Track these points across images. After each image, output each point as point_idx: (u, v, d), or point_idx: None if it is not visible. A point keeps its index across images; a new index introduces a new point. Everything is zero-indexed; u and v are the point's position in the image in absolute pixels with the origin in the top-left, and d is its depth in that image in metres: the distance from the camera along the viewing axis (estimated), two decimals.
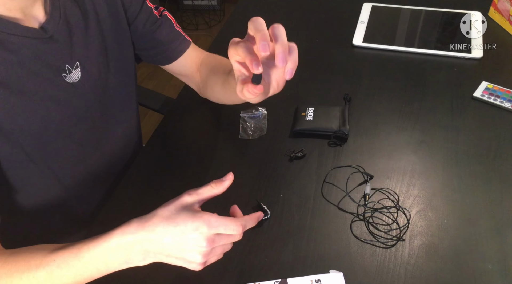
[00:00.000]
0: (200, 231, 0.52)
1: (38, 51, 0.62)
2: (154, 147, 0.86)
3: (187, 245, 0.52)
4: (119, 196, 0.77)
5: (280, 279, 0.63)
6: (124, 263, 0.54)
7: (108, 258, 0.53)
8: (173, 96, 1.07)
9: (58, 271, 0.54)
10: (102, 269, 0.54)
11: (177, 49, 0.84)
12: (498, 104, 0.88)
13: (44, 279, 0.54)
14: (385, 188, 0.74)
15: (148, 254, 0.53)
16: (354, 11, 1.16)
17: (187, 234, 0.52)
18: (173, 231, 0.52)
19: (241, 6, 1.26)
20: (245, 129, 0.85)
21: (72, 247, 0.55)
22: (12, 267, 0.55)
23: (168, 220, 0.53)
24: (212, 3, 2.81)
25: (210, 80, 0.84)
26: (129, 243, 0.53)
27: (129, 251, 0.53)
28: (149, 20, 0.80)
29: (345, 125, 0.83)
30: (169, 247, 0.52)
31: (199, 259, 0.53)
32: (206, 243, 0.52)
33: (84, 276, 0.55)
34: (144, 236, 0.52)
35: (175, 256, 0.53)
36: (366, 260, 0.65)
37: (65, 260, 0.54)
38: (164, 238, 0.52)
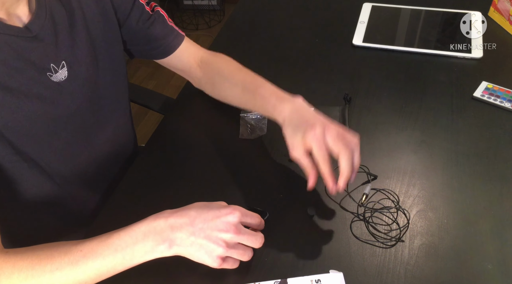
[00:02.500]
0: (233, 215, 0.57)
1: (21, 49, 0.62)
2: (154, 146, 0.86)
3: (216, 228, 0.56)
4: (119, 196, 0.77)
5: (280, 279, 0.63)
6: (150, 250, 0.56)
7: (137, 245, 0.55)
8: (173, 96, 1.07)
9: (83, 261, 0.54)
10: (127, 258, 0.56)
11: (171, 44, 0.85)
12: (498, 104, 0.88)
13: (68, 270, 0.54)
14: (385, 188, 0.74)
15: (175, 240, 0.56)
16: (354, 11, 1.16)
17: (220, 217, 0.57)
18: (205, 214, 0.57)
19: (241, 6, 1.26)
20: (245, 129, 0.85)
21: (100, 237, 0.57)
22: (34, 259, 0.55)
23: (202, 207, 0.59)
24: (212, 3, 2.81)
25: (222, 84, 0.85)
26: (161, 227, 0.56)
27: (159, 236, 0.56)
28: (142, 17, 0.81)
29: (345, 125, 0.83)
30: (197, 231, 0.56)
31: (220, 248, 0.56)
32: (233, 228, 0.57)
33: (108, 267, 0.55)
34: (176, 220, 0.56)
35: (199, 242, 0.56)
36: (366, 260, 0.65)
37: (93, 248, 0.55)
38: (195, 220, 0.56)
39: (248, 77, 0.81)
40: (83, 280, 0.55)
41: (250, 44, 1.10)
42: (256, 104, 0.77)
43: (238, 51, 0.91)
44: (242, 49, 0.92)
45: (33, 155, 0.68)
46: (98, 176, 0.84)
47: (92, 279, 0.56)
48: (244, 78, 0.81)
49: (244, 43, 1.10)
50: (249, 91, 0.78)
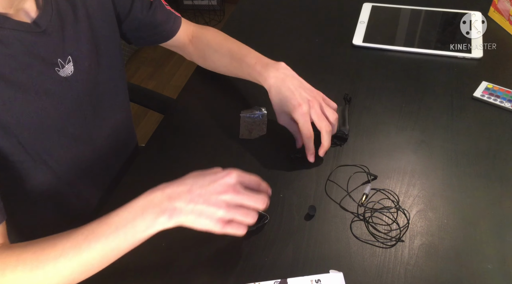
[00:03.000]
0: (230, 176, 0.58)
1: (30, 44, 0.62)
2: (154, 146, 0.86)
3: (215, 191, 0.56)
4: (119, 196, 0.77)
5: (280, 279, 0.63)
6: (151, 223, 0.55)
7: (136, 220, 0.55)
8: (173, 96, 1.07)
9: (86, 244, 0.54)
10: (129, 235, 0.55)
11: (172, 28, 0.90)
12: (498, 104, 0.88)
13: (72, 255, 0.54)
14: (385, 188, 0.74)
15: (175, 209, 0.55)
16: (354, 11, 1.16)
17: (217, 180, 0.57)
18: (202, 180, 0.57)
19: (241, 6, 1.26)
20: (245, 129, 0.85)
21: (100, 219, 0.56)
22: (37, 250, 0.55)
23: (198, 175, 0.59)
24: (212, 3, 2.81)
25: (211, 55, 0.91)
26: (158, 199, 0.56)
27: (157, 208, 0.55)
28: (144, 6, 0.83)
29: (345, 125, 0.83)
30: (196, 197, 0.56)
31: (220, 210, 0.55)
32: (230, 188, 0.57)
33: (111, 247, 0.55)
34: (173, 189, 0.56)
35: (199, 208, 0.55)
36: (366, 260, 0.65)
37: (93, 230, 0.55)
38: (192, 187, 0.56)
39: (234, 46, 0.88)
40: (89, 263, 0.55)
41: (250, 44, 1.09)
42: (244, 72, 0.84)
43: None
44: None
45: (41, 152, 0.69)
46: (101, 173, 0.84)
47: (98, 261, 0.55)
48: (231, 48, 0.88)
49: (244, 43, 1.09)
50: (236, 60, 0.85)
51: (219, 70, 0.93)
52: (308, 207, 0.71)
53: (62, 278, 0.55)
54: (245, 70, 0.83)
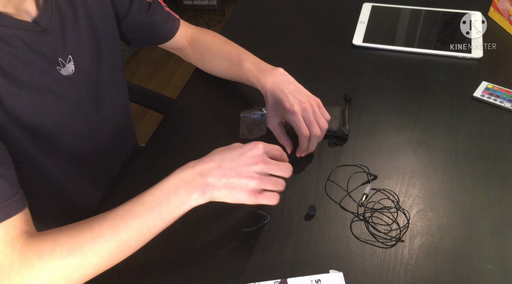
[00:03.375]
0: (257, 148, 0.59)
1: (32, 42, 0.63)
2: (154, 147, 0.86)
3: (245, 163, 0.57)
4: (119, 196, 0.77)
5: (280, 279, 0.63)
6: (185, 200, 0.56)
7: (170, 197, 0.56)
8: (173, 96, 1.07)
9: (122, 224, 0.55)
10: (164, 212, 0.56)
11: (171, 30, 0.90)
12: (498, 104, 0.88)
13: (109, 235, 0.55)
14: (385, 188, 0.74)
15: (208, 185, 0.56)
16: (354, 11, 1.16)
17: (245, 153, 0.58)
18: (230, 155, 0.58)
19: (241, 6, 1.26)
20: (245, 129, 0.85)
21: (133, 199, 0.57)
22: (72, 233, 0.55)
23: (224, 150, 0.60)
24: (212, 3, 2.81)
25: (210, 59, 0.92)
26: (190, 177, 0.57)
27: (190, 185, 0.56)
28: (143, 6, 0.83)
29: (345, 125, 0.83)
30: (227, 170, 0.57)
31: (253, 181, 0.57)
32: (260, 159, 0.58)
33: (148, 225, 0.56)
34: (203, 166, 0.58)
35: (231, 182, 0.57)
36: (366, 260, 0.65)
37: (128, 210, 0.56)
38: (222, 163, 0.58)
39: (233, 51, 0.88)
40: (126, 243, 0.56)
41: (250, 44, 1.09)
42: (242, 77, 0.85)
43: None
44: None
45: (43, 150, 0.69)
46: (102, 171, 0.85)
47: (135, 240, 0.56)
48: (229, 52, 0.88)
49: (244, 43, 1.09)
50: (235, 64, 0.86)
51: (217, 74, 0.93)
52: (308, 207, 0.71)
53: (101, 259, 0.55)
54: (243, 74, 0.83)
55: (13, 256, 0.53)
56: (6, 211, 0.54)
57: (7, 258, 0.53)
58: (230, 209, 0.73)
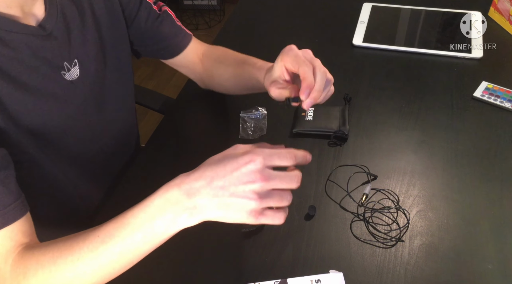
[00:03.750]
0: (254, 163, 0.48)
1: (37, 48, 0.63)
2: (154, 146, 0.86)
3: (240, 181, 0.48)
4: (119, 196, 0.77)
5: (280, 279, 0.63)
6: (171, 224, 0.50)
7: (155, 220, 0.50)
8: (173, 96, 1.07)
9: (103, 247, 0.51)
10: (148, 236, 0.50)
11: (179, 45, 0.86)
12: (498, 104, 0.88)
13: (89, 259, 0.52)
14: (385, 188, 0.74)
15: (196, 207, 0.49)
16: (354, 11, 1.16)
17: (239, 168, 0.48)
18: (223, 169, 0.48)
19: (241, 6, 1.26)
20: (245, 129, 0.85)
21: (116, 219, 0.52)
22: (55, 253, 0.53)
23: (217, 162, 0.50)
24: (212, 3, 2.81)
25: (217, 69, 0.87)
26: (175, 197, 0.49)
27: (176, 207, 0.49)
28: (151, 16, 0.81)
29: (345, 125, 0.83)
30: (219, 190, 0.48)
31: (252, 201, 0.48)
32: (258, 176, 0.48)
33: (130, 249, 0.51)
34: (190, 185, 0.49)
35: (225, 202, 0.48)
36: (366, 260, 0.65)
37: (110, 232, 0.51)
38: (213, 181, 0.48)
39: (240, 56, 0.85)
40: (108, 265, 0.52)
41: (250, 44, 1.10)
42: (245, 73, 0.79)
43: (238, 51, 0.91)
44: (242, 49, 0.92)
45: (46, 153, 0.69)
46: (103, 172, 0.85)
47: (118, 263, 0.52)
48: (236, 57, 0.85)
49: (244, 43, 1.10)
50: (240, 65, 0.81)
51: (225, 84, 0.88)
52: (308, 207, 0.71)
53: (83, 281, 0.53)
54: (247, 70, 0.79)
55: (5, 270, 0.54)
56: (4, 219, 0.54)
57: (1, 271, 0.54)
58: None
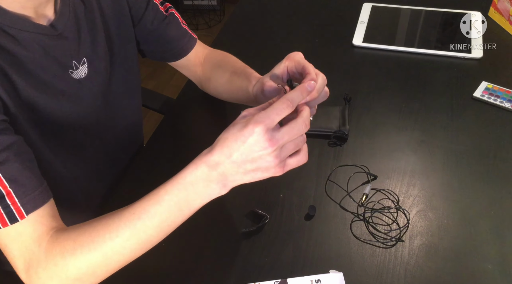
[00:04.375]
0: (256, 133, 0.51)
1: (47, 47, 0.63)
2: (154, 146, 0.86)
3: (254, 152, 0.52)
4: (119, 196, 0.77)
5: (280, 279, 0.63)
6: (207, 196, 0.54)
7: (189, 195, 0.53)
8: (173, 96, 1.07)
9: (140, 223, 0.54)
10: (184, 209, 0.54)
11: (184, 47, 0.86)
12: (498, 104, 0.88)
13: (128, 235, 0.54)
14: (385, 188, 0.74)
15: (227, 177, 0.53)
16: (354, 11, 1.16)
17: (248, 142, 0.51)
18: (236, 145, 0.52)
19: (241, 6, 1.26)
20: None
21: (149, 196, 0.55)
22: (92, 232, 0.55)
23: (230, 137, 0.53)
24: (212, 3, 2.81)
25: (215, 73, 0.87)
26: (205, 173, 0.53)
27: (208, 181, 0.53)
28: (157, 18, 0.81)
29: (345, 125, 0.83)
30: (241, 162, 0.52)
31: (272, 162, 0.52)
32: (267, 143, 0.51)
33: (168, 222, 0.54)
34: (214, 159, 0.52)
35: (250, 169, 0.53)
36: (366, 260, 0.65)
37: (145, 209, 0.54)
38: (232, 155, 0.52)
39: (239, 64, 0.84)
40: (146, 240, 0.55)
41: (250, 44, 1.10)
42: (237, 82, 0.79)
43: (238, 51, 0.91)
44: (242, 49, 0.92)
45: (51, 149, 0.69)
46: (107, 170, 0.85)
47: (156, 236, 0.55)
48: (235, 64, 0.84)
49: (244, 43, 1.10)
50: (237, 74, 0.81)
51: (220, 89, 0.87)
52: (308, 207, 0.71)
53: (122, 256, 0.55)
54: (239, 80, 0.78)
55: (40, 253, 0.55)
56: (34, 202, 0.56)
57: (34, 254, 0.55)
58: (230, 209, 0.73)
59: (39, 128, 0.65)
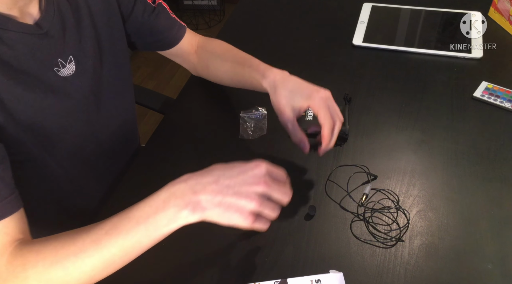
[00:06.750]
0: (259, 168, 0.54)
1: (33, 46, 0.63)
2: (154, 146, 0.86)
3: (245, 183, 0.52)
4: (119, 196, 0.77)
5: (280, 279, 0.63)
6: (173, 217, 0.52)
7: (158, 213, 0.52)
8: (173, 96, 1.07)
9: (106, 239, 0.52)
10: (151, 229, 0.52)
11: (175, 36, 0.88)
12: (498, 104, 0.88)
13: (92, 251, 0.52)
14: (385, 188, 0.74)
15: (200, 202, 0.52)
16: (354, 11, 1.16)
17: (246, 172, 0.53)
18: (229, 171, 0.53)
19: (241, 6, 1.26)
20: (245, 129, 0.85)
21: (121, 212, 0.54)
22: (57, 245, 0.54)
23: (225, 166, 0.55)
24: (212, 3, 2.81)
25: (214, 62, 0.89)
26: (181, 191, 0.52)
27: (180, 200, 0.52)
28: (146, 10, 0.83)
29: (345, 125, 0.83)
30: (224, 189, 0.52)
31: (251, 204, 0.52)
32: (263, 180, 0.53)
33: (132, 241, 0.53)
34: (197, 181, 0.53)
35: (228, 201, 0.52)
36: (366, 260, 0.65)
37: (115, 224, 0.53)
38: (220, 179, 0.53)
39: (239, 54, 0.86)
40: (110, 259, 0.53)
41: (250, 44, 1.10)
42: (245, 75, 0.81)
43: None
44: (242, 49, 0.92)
45: (46, 150, 0.69)
46: (104, 170, 0.85)
47: (119, 256, 0.53)
48: (235, 54, 0.86)
49: (244, 43, 1.09)
50: (239, 64, 0.83)
51: (221, 78, 0.90)
52: (308, 207, 0.71)
53: (83, 274, 0.53)
54: (247, 72, 0.80)
55: (0, 264, 0.54)
56: (1, 211, 0.55)
57: None
58: None
59: (30, 129, 0.65)
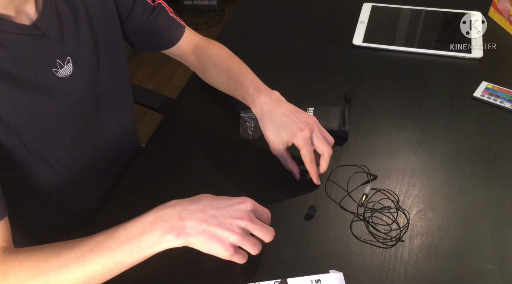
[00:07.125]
0: (246, 204, 0.58)
1: (30, 47, 0.63)
2: (154, 147, 0.86)
3: (230, 216, 0.56)
4: (119, 196, 0.77)
5: (280, 279, 0.63)
6: (158, 240, 0.54)
7: (143, 235, 0.54)
8: (173, 96, 1.07)
9: (90, 255, 0.53)
10: (134, 250, 0.54)
11: (174, 36, 0.88)
12: (498, 104, 0.88)
13: (75, 266, 0.53)
14: (385, 188, 0.74)
15: (184, 228, 0.54)
16: (354, 11, 1.16)
17: (232, 205, 0.57)
18: (217, 202, 0.57)
19: (241, 6, 1.26)
20: (245, 129, 0.85)
21: (108, 230, 0.56)
22: (41, 257, 0.54)
23: (213, 197, 0.58)
24: (212, 3, 2.81)
25: (211, 70, 0.89)
26: (168, 216, 0.55)
27: (166, 224, 0.54)
28: (146, 10, 0.83)
29: (345, 125, 0.83)
30: (209, 218, 0.55)
31: (236, 234, 0.55)
32: (247, 216, 0.57)
33: (115, 260, 0.54)
34: (184, 207, 0.55)
35: (212, 230, 0.55)
36: (366, 260, 0.65)
37: (99, 242, 0.54)
38: (207, 208, 0.56)
39: (234, 65, 0.85)
40: (91, 276, 0.54)
41: (250, 44, 1.10)
42: (237, 92, 0.82)
43: (238, 51, 0.91)
44: (242, 49, 0.92)
45: (43, 151, 0.69)
46: (103, 172, 0.85)
47: (100, 274, 0.54)
48: (230, 65, 0.86)
49: (244, 44, 1.10)
50: (233, 78, 0.83)
51: (216, 85, 0.91)
52: (308, 207, 0.71)
53: None
54: (239, 90, 0.80)
55: None
56: None
57: None
58: None
59: (27, 130, 0.65)
